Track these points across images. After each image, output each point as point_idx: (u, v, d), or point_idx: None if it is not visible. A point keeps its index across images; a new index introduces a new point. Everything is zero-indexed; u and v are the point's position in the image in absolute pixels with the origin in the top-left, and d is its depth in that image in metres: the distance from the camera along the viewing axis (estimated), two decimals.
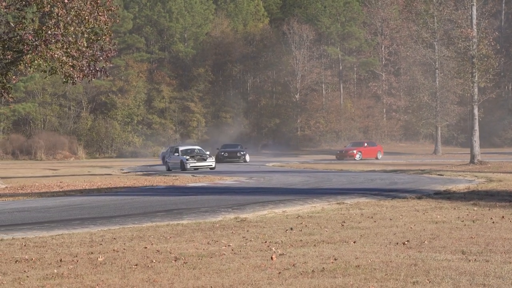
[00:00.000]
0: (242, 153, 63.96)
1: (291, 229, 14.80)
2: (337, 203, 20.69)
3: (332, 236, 13.67)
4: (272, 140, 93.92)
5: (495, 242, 12.77)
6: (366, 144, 64.57)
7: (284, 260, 11.14)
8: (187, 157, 47.83)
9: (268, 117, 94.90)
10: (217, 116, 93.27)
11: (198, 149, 50.93)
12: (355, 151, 62.39)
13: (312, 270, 10.25)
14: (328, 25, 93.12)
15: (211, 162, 48.23)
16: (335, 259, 11.08)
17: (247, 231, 14.59)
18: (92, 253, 11.96)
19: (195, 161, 47.65)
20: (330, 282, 9.45)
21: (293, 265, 10.69)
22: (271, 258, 11.27)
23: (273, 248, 12.24)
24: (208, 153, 50.25)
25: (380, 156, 62.45)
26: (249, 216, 17.56)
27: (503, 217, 16.70)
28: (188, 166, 47.05)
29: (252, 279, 9.76)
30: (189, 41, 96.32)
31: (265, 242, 13.03)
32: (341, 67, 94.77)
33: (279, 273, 10.14)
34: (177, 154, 49.12)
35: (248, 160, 62.94)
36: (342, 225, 15.42)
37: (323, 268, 10.39)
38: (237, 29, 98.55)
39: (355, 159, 60.97)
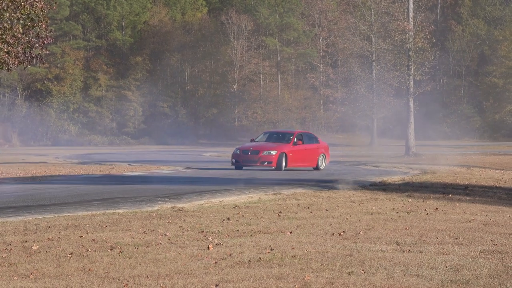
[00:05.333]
0: None
1: (228, 219, 14.80)
2: (274, 194, 20.75)
3: (268, 227, 13.71)
4: (209, 130, 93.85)
5: (428, 233, 12.95)
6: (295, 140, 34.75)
7: (220, 250, 11.14)
8: None
9: (205, 107, 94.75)
10: (154, 105, 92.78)
11: None
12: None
13: (249, 260, 10.27)
14: (266, 16, 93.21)
15: None
16: (272, 249, 11.11)
17: (184, 220, 14.55)
18: (26, 241, 11.81)
19: None
20: (266, 272, 9.48)
21: (230, 255, 10.69)
22: (208, 247, 11.27)
23: (210, 238, 12.24)
24: None
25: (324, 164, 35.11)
26: (186, 205, 17.52)
27: (436, 208, 16.95)
28: None
29: (189, 268, 9.74)
30: (126, 29, 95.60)
31: (202, 231, 13.01)
32: (279, 58, 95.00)
33: (216, 262, 10.13)
34: None
35: None
36: (279, 216, 15.47)
37: (260, 258, 10.42)
38: (175, 18, 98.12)
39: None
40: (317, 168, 34.01)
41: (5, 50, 28.58)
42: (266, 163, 32.41)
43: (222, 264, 10.02)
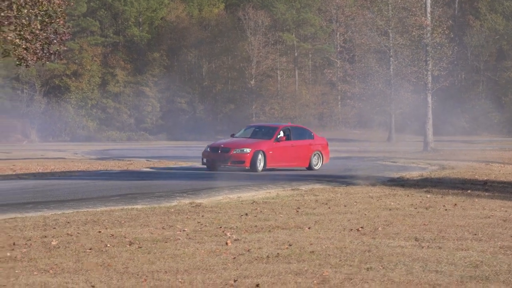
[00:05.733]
0: None
1: (246, 214, 14.81)
2: (292, 189, 20.74)
3: (287, 222, 13.71)
4: (227, 126, 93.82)
5: (447, 229, 12.91)
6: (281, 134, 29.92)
7: (239, 245, 11.15)
8: None
9: (223, 102, 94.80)
10: (172, 101, 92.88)
11: None
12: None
13: (267, 256, 10.27)
14: (283, 11, 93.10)
15: None
16: (290, 245, 11.11)
17: (202, 216, 14.57)
18: (45, 236, 11.86)
19: None
20: (285, 268, 9.48)
21: (248, 250, 10.70)
22: (226, 243, 11.28)
23: (228, 234, 12.25)
24: None
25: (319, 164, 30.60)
26: (204, 201, 17.54)
27: (455, 204, 16.89)
28: None
29: (207, 264, 9.76)
30: (144, 25, 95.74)
31: (220, 227, 13.03)
32: (296, 54, 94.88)
33: (234, 258, 10.14)
34: None
35: None
36: (297, 211, 15.46)
37: (278, 253, 10.42)
38: (192, 14, 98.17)
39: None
40: (310, 168, 29.83)
41: (23, 46, 28.71)
42: (237, 163, 28.29)
43: (240, 260, 10.03)
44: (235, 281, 8.73)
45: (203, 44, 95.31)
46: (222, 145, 29.07)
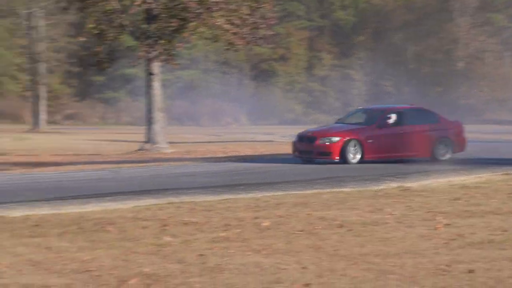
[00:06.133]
0: None
1: (457, 199, 14.51)
2: (503, 174, 20.08)
3: (500, 207, 13.31)
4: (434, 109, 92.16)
5: None
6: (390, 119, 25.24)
7: (450, 230, 10.95)
8: None
9: (430, 85, 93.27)
10: (377, 84, 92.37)
11: None
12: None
13: (480, 241, 10.03)
14: None
15: None
16: (504, 231, 10.79)
17: (411, 200, 14.41)
18: (257, 218, 12.12)
19: None
20: (499, 254, 9.22)
21: (460, 235, 10.48)
22: (436, 228, 11.11)
23: (438, 218, 12.05)
24: None
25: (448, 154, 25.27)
26: (412, 185, 17.33)
27: None
28: None
29: (418, 248, 9.65)
30: (349, 8, 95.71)
31: (430, 211, 12.83)
32: (505, 35, 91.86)
33: (446, 243, 9.97)
34: None
35: None
36: (510, 196, 14.99)
37: (492, 239, 10.15)
38: None
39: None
40: (434, 158, 24.73)
41: (232, 31, 29.48)
42: (323, 155, 23.96)
43: (452, 245, 9.84)
44: (447, 266, 8.58)
45: (408, 27, 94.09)
46: (310, 134, 24.96)
